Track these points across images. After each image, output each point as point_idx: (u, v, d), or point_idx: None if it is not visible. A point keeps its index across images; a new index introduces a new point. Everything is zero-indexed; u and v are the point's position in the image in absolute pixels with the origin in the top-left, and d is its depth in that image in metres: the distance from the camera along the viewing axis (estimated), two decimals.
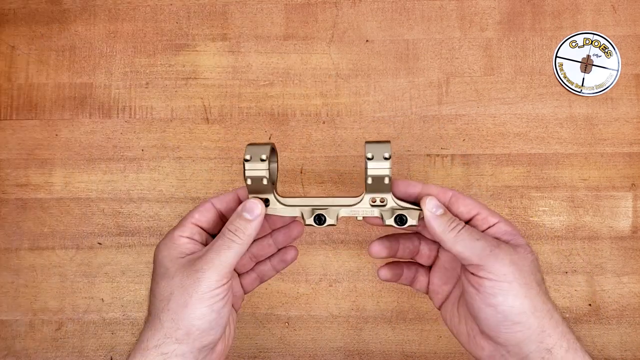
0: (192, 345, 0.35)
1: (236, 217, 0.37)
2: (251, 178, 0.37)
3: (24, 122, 0.58)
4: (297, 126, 0.57)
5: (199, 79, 0.58)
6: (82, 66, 0.59)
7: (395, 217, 0.38)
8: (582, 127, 0.56)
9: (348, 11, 0.58)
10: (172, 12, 0.59)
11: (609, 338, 0.53)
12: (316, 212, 0.38)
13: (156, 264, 0.37)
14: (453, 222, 0.36)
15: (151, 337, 0.35)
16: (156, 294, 0.36)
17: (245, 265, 0.43)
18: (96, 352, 0.55)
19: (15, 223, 0.57)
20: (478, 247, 0.35)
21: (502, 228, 0.37)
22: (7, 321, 0.56)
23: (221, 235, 0.36)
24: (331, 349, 0.54)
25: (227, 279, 0.35)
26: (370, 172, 0.37)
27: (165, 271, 0.36)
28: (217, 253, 0.35)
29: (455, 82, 0.57)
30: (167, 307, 0.35)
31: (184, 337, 0.34)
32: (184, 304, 0.34)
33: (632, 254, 0.54)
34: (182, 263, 0.36)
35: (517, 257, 0.35)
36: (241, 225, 0.36)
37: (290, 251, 0.43)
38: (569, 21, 0.57)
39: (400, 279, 0.42)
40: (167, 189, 0.57)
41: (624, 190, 0.55)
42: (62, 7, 0.59)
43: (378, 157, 0.36)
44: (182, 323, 0.34)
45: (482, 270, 0.34)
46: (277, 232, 0.42)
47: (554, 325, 0.35)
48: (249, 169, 0.37)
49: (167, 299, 0.35)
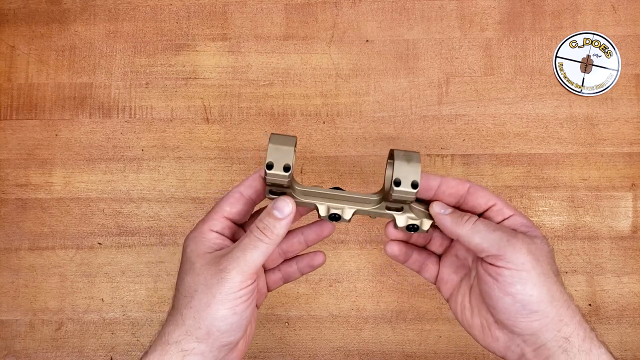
0: (212, 345, 0.34)
1: (265, 215, 0.36)
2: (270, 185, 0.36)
3: (24, 122, 0.58)
4: (297, 126, 0.57)
5: (199, 79, 0.58)
6: (82, 66, 0.59)
7: (408, 226, 0.38)
8: (582, 127, 0.56)
9: (348, 11, 0.58)
10: (172, 12, 0.59)
11: (609, 338, 0.53)
12: (331, 211, 0.37)
13: (183, 257, 0.36)
14: (465, 216, 0.36)
15: (172, 332, 0.34)
16: (181, 289, 0.35)
17: (274, 261, 0.42)
18: (96, 352, 0.55)
19: (15, 223, 0.57)
20: (496, 237, 0.35)
21: (518, 220, 0.37)
22: (7, 321, 0.56)
23: (249, 233, 0.35)
24: (331, 349, 0.54)
25: (251, 280, 0.35)
26: (395, 196, 0.35)
27: (191, 266, 0.35)
28: (243, 252, 0.34)
29: (455, 82, 0.57)
30: (189, 305, 0.34)
31: (205, 337, 0.34)
32: (207, 303, 0.34)
33: (632, 254, 0.54)
34: (209, 260, 0.35)
35: (534, 247, 0.35)
36: (270, 223, 0.35)
37: (318, 256, 0.42)
38: (569, 21, 0.57)
39: (408, 262, 0.42)
40: (167, 189, 0.57)
41: (624, 190, 0.55)
42: (62, 7, 0.59)
43: (406, 183, 0.34)
44: (204, 323, 0.34)
45: (501, 260, 0.34)
46: (308, 229, 0.42)
47: (571, 314, 0.35)
48: (270, 177, 0.35)
49: (190, 296, 0.34)
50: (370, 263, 0.55)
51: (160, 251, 0.56)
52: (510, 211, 0.37)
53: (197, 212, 0.56)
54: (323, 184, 0.56)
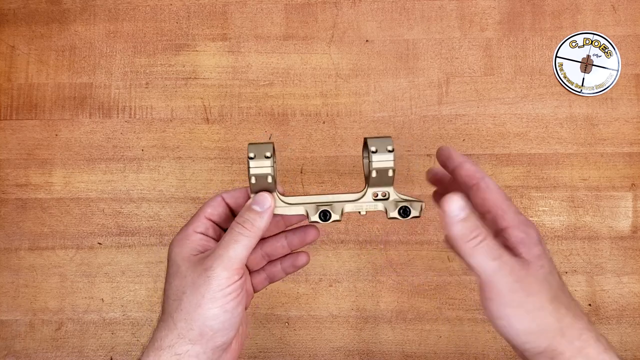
0: (206, 346, 0.34)
1: (245, 210, 0.36)
2: (256, 176, 0.37)
3: (24, 122, 0.58)
4: (297, 126, 0.57)
5: (199, 79, 0.58)
6: (82, 66, 0.59)
7: (399, 209, 0.38)
8: (582, 127, 0.56)
9: (348, 11, 0.58)
10: (172, 12, 0.59)
11: (609, 338, 0.53)
12: (321, 209, 0.38)
13: (169, 261, 0.37)
14: (475, 231, 0.33)
15: (164, 336, 0.34)
16: (169, 293, 0.35)
17: (258, 263, 0.42)
18: (96, 352, 0.55)
19: (15, 223, 0.57)
20: (491, 267, 0.33)
21: (514, 235, 0.35)
22: (7, 321, 0.56)
23: (230, 229, 0.36)
24: (331, 349, 0.54)
25: (238, 275, 0.35)
26: (375, 165, 0.36)
27: (177, 269, 0.35)
28: (225, 248, 0.35)
29: (455, 82, 0.57)
30: (179, 307, 0.34)
31: (198, 338, 0.34)
32: (197, 304, 0.34)
33: (632, 254, 0.54)
34: (194, 261, 0.35)
35: (526, 275, 0.33)
36: (250, 217, 0.36)
37: (301, 256, 0.42)
38: (569, 21, 0.57)
39: None
40: (167, 189, 0.56)
41: (624, 190, 0.55)
42: (62, 7, 0.59)
43: (382, 150, 0.36)
44: (195, 324, 0.34)
45: (490, 290, 0.33)
46: (292, 235, 0.42)
47: (567, 342, 0.33)
48: (253, 167, 0.36)
49: (179, 299, 0.34)
50: (370, 263, 0.55)
51: (160, 251, 0.56)
52: (505, 222, 0.35)
53: None
54: (323, 184, 0.56)
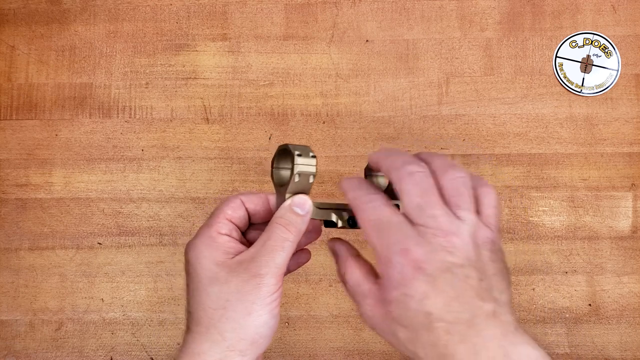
0: (254, 354, 0.33)
1: (286, 212, 0.34)
2: (300, 174, 0.34)
3: (24, 122, 0.58)
4: (297, 126, 0.57)
5: (199, 79, 0.58)
6: (82, 66, 0.59)
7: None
8: (582, 127, 0.56)
9: (348, 11, 0.58)
10: (172, 12, 0.59)
11: (609, 338, 0.53)
12: (346, 215, 0.36)
13: (199, 267, 0.33)
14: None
15: (208, 350, 0.32)
16: (206, 301, 0.33)
17: None
18: (96, 352, 0.55)
19: (15, 223, 0.57)
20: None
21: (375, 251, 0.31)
22: (7, 321, 0.56)
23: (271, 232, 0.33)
24: (331, 349, 0.54)
25: (282, 280, 0.34)
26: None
27: (215, 276, 0.33)
28: (271, 254, 0.33)
29: (455, 82, 0.57)
30: (225, 316, 0.32)
31: (249, 347, 0.32)
32: (247, 312, 0.32)
33: (632, 254, 0.54)
34: (233, 266, 0.33)
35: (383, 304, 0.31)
36: (292, 219, 0.34)
37: (304, 254, 0.41)
38: (569, 21, 0.57)
39: None
40: (167, 189, 0.57)
41: (624, 190, 0.55)
42: (62, 7, 0.59)
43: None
44: (247, 332, 0.32)
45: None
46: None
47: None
48: (300, 164, 0.34)
49: (223, 307, 0.32)
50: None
51: (160, 251, 0.56)
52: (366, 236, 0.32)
53: (197, 212, 0.56)
54: (323, 184, 0.56)
